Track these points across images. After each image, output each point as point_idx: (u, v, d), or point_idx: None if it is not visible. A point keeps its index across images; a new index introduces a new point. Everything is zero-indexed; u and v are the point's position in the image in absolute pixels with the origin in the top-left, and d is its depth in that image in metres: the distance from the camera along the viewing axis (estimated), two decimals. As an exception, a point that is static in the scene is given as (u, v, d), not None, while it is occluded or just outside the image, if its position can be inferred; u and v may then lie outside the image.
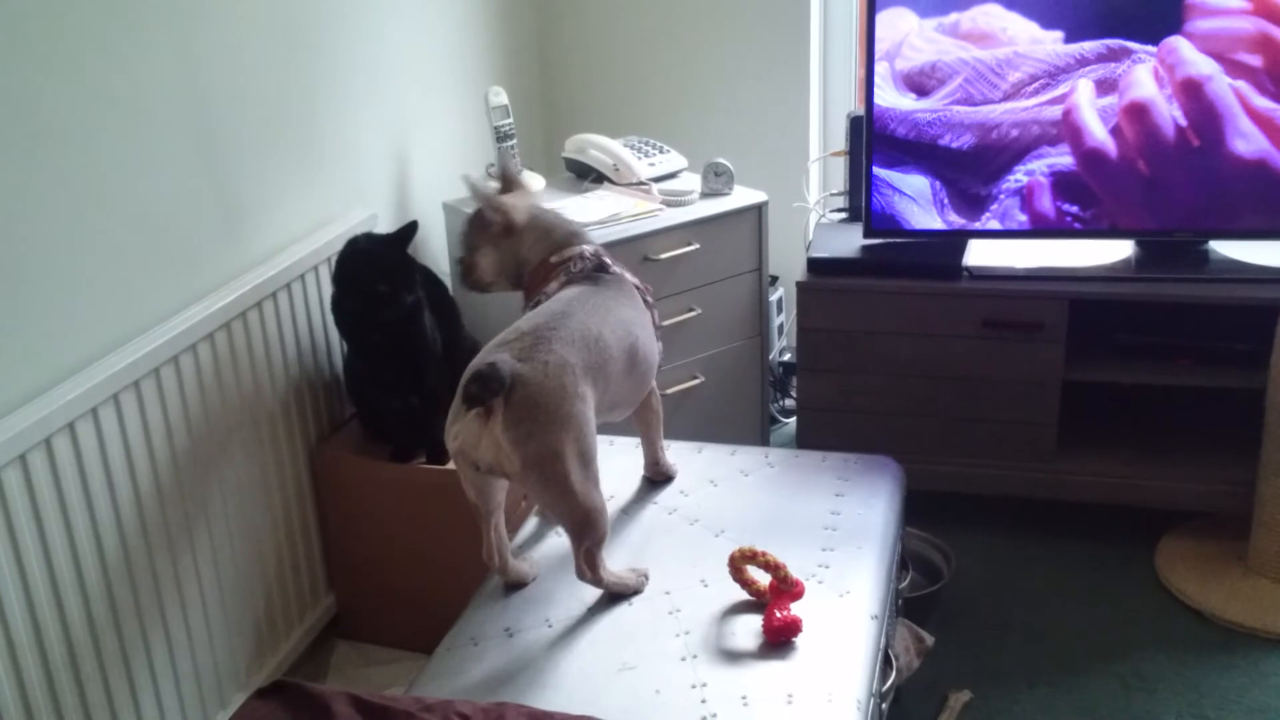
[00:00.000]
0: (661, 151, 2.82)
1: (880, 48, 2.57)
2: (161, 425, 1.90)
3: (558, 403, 1.63)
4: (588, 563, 1.73)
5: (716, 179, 2.72)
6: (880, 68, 2.58)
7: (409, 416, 2.27)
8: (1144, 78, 2.49)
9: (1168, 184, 2.54)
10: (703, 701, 1.54)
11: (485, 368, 1.60)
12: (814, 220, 3.08)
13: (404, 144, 2.68)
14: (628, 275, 1.95)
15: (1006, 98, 2.56)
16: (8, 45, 1.62)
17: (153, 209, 1.91)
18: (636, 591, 1.77)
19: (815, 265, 2.69)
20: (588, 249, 1.93)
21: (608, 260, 1.93)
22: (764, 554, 1.70)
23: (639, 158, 2.78)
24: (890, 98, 2.60)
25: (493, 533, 1.78)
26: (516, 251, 1.95)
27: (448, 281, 2.54)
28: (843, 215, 2.95)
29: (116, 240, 1.84)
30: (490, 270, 1.97)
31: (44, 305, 1.71)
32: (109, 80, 1.80)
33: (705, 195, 2.72)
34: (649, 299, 1.97)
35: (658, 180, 2.75)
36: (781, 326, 3.28)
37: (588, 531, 1.70)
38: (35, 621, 1.67)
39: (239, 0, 2.09)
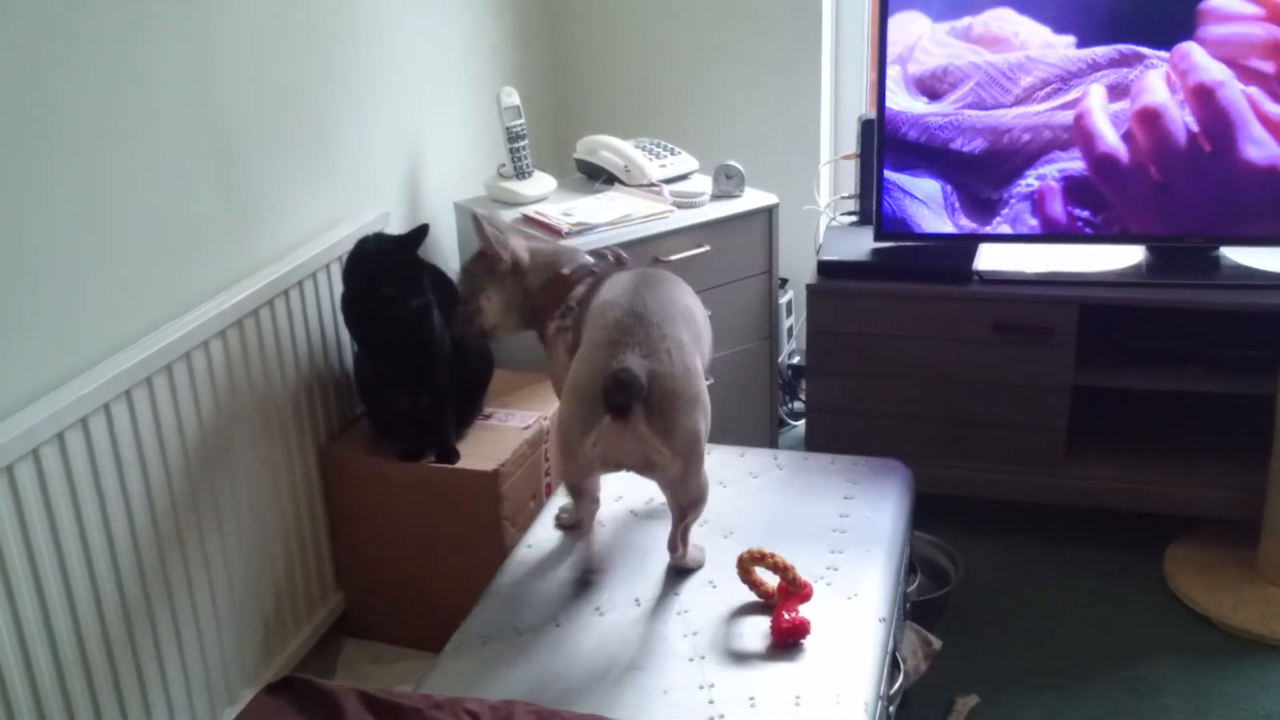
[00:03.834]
0: (673, 153, 2.82)
1: (892, 51, 2.57)
2: (173, 421, 1.91)
3: (689, 387, 1.69)
4: (684, 537, 1.80)
5: (727, 181, 2.73)
6: (892, 71, 2.59)
7: (418, 415, 2.28)
8: (1156, 83, 2.48)
9: (1179, 190, 2.54)
10: (710, 702, 1.54)
11: (623, 374, 1.62)
12: (824, 223, 3.09)
13: (416, 143, 2.69)
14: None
15: (1018, 102, 2.56)
16: (20, 47, 1.63)
17: (166, 207, 1.92)
18: (699, 568, 1.83)
19: (825, 268, 2.69)
20: (599, 251, 1.96)
21: (625, 255, 1.95)
22: (772, 556, 1.71)
23: (650, 159, 2.78)
24: (902, 101, 2.60)
25: (592, 521, 1.87)
26: (524, 287, 1.98)
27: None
28: (853, 218, 2.95)
29: (129, 238, 1.84)
30: (496, 312, 1.99)
31: (58, 302, 1.71)
32: (120, 79, 1.81)
33: (716, 197, 2.72)
34: None
35: (669, 182, 2.75)
36: (791, 329, 3.28)
37: (701, 505, 1.78)
38: (46, 616, 1.68)
39: (250, 0, 2.10)
